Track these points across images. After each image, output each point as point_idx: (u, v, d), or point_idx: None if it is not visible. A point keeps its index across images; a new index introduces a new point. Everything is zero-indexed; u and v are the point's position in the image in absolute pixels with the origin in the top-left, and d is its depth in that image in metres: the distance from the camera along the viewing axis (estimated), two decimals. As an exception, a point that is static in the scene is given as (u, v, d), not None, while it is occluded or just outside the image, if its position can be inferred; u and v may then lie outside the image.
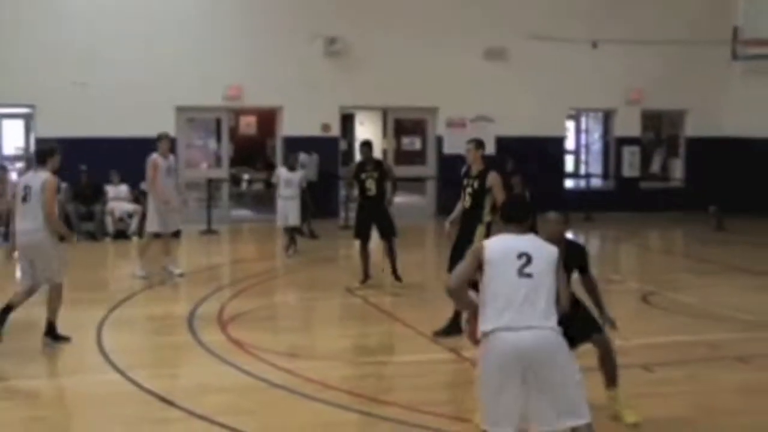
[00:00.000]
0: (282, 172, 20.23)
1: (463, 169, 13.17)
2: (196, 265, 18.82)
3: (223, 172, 25.87)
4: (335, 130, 26.05)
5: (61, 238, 11.91)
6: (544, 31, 26.57)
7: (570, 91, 27.51)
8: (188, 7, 24.91)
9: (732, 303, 15.01)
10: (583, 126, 31.24)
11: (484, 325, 6.91)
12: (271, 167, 27.23)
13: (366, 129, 34.66)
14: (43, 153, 12.15)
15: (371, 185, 16.10)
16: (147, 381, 10.21)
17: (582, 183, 29.78)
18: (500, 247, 7.09)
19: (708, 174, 27.80)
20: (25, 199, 11.68)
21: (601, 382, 8.99)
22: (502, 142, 26.69)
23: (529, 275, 6.89)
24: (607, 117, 29.49)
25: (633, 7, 27.67)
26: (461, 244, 11.69)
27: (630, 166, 28.47)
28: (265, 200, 27.54)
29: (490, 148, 26.28)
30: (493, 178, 12.68)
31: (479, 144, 13.12)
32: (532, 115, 26.79)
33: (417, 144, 27.83)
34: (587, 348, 8.85)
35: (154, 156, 16.62)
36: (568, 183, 29.84)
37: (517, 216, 7.33)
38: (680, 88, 28.52)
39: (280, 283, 17.61)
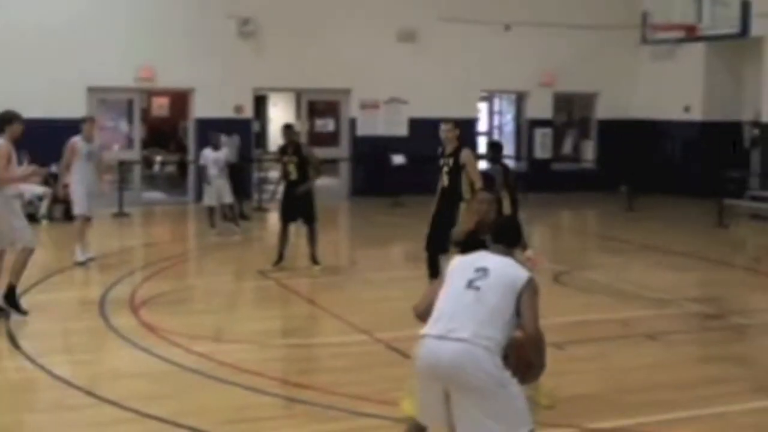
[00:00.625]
0: (208, 152, 20.03)
1: (439, 150, 13.31)
2: (108, 248, 18.53)
3: (135, 154, 25.54)
4: (248, 112, 25.84)
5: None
6: (457, 13, 26.62)
7: (482, 74, 27.63)
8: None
9: (643, 281, 15.20)
10: (496, 108, 31.37)
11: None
12: (183, 149, 27.00)
13: (279, 111, 34.59)
14: (1, 121, 12.21)
15: (292, 169, 15.93)
16: (57, 367, 10.01)
17: (494, 164, 29.89)
18: (467, 260, 6.76)
19: (618, 155, 28.10)
20: None
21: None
22: (414, 124, 26.75)
23: (477, 288, 6.44)
24: (520, 99, 29.65)
25: (546, -7, 27.84)
26: (442, 224, 11.71)
27: (542, 148, 28.69)
28: (177, 182, 27.34)
29: (403, 130, 26.42)
30: (465, 156, 12.91)
31: (456, 124, 13.34)
32: (445, 96, 26.82)
33: (330, 126, 27.78)
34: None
35: (75, 139, 16.22)
36: (481, 164, 29.87)
37: (506, 240, 6.98)
38: (591, 71, 28.80)
39: (193, 266, 17.45)
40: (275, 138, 33.84)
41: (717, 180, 23.49)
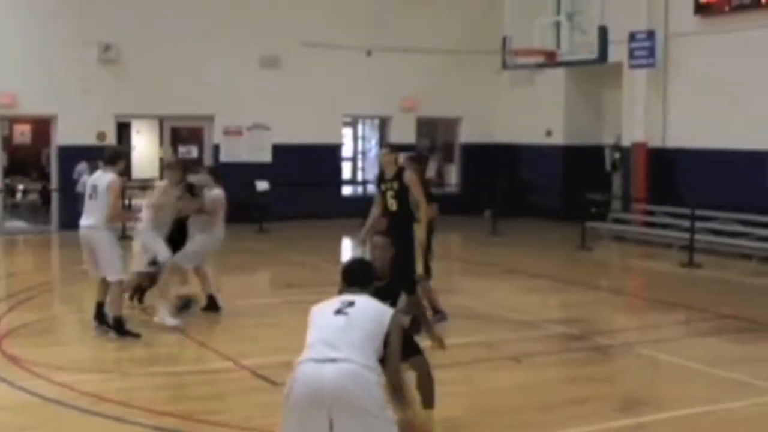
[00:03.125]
0: (86, 178, 19.74)
1: (376, 176, 13.66)
2: (-33, 279, 18.18)
3: (-5, 182, 25.02)
4: (111, 139, 25.51)
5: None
6: (318, 38, 26.75)
7: (346, 99, 27.80)
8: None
9: (507, 304, 15.44)
10: (360, 133, 31.54)
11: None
12: (46, 177, 26.55)
13: (143, 137, 34.25)
14: (112, 155, 12.96)
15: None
16: None
17: (359, 189, 30.07)
18: (329, 301, 6.88)
19: (482, 179, 28.48)
20: (91, 196, 12.71)
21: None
22: (278, 150, 26.77)
23: (346, 314, 6.57)
24: (383, 124, 29.86)
25: (407, 16, 28.12)
26: (403, 252, 10.72)
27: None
28: (40, 210, 26.86)
29: (267, 156, 26.41)
30: (409, 177, 13.02)
31: (393, 148, 13.77)
32: (309, 122, 26.96)
33: (194, 152, 27.57)
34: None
35: None
36: (346, 190, 30.08)
37: (357, 281, 7.19)
38: (454, 95, 29.17)
39: (57, 296, 17.15)
40: (139, 165, 33.55)
41: (580, 203, 23.98)
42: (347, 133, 30.58)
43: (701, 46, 23.94)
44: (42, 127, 27.12)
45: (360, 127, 31.37)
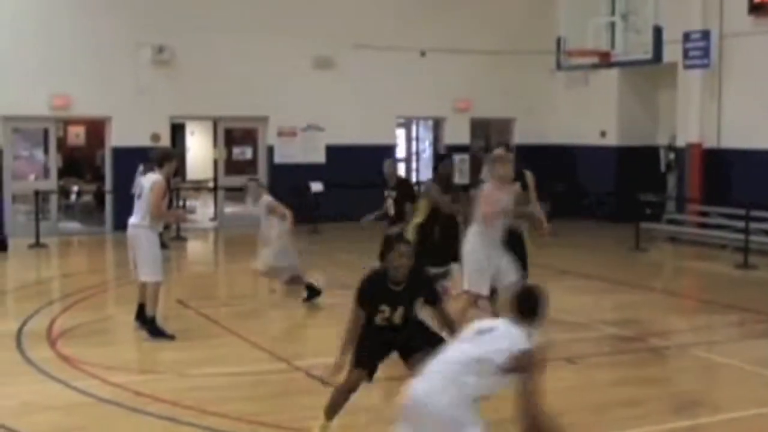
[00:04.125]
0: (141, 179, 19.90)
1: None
2: (25, 279, 18.38)
3: (51, 184, 25.23)
4: (165, 140, 25.69)
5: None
6: (372, 40, 26.77)
7: (399, 100, 27.79)
8: (14, 11, 24.23)
9: (560, 305, 15.05)
10: (413, 134, 31.55)
11: None
12: (100, 178, 26.77)
13: (197, 139, 34.46)
14: (160, 157, 13.26)
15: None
16: (-29, 400, 9.91)
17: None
18: None
19: (536, 180, 28.27)
20: (139, 196, 13.06)
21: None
22: (331, 151, 26.83)
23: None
24: (437, 125, 29.84)
25: (460, 17, 28.08)
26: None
27: (460, 174, 28.81)
28: (94, 212, 27.08)
29: (321, 157, 26.43)
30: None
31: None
32: (362, 123, 27.00)
33: (248, 153, 27.71)
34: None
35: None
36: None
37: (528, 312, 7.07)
38: (508, 96, 29.09)
39: (111, 296, 17.28)
40: (193, 166, 33.76)
41: (634, 204, 23.84)
42: (401, 134, 30.60)
43: (756, 46, 23.72)
44: (96, 128, 27.32)
45: (414, 128, 31.37)
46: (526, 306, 7.07)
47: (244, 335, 13.21)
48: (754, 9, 23.68)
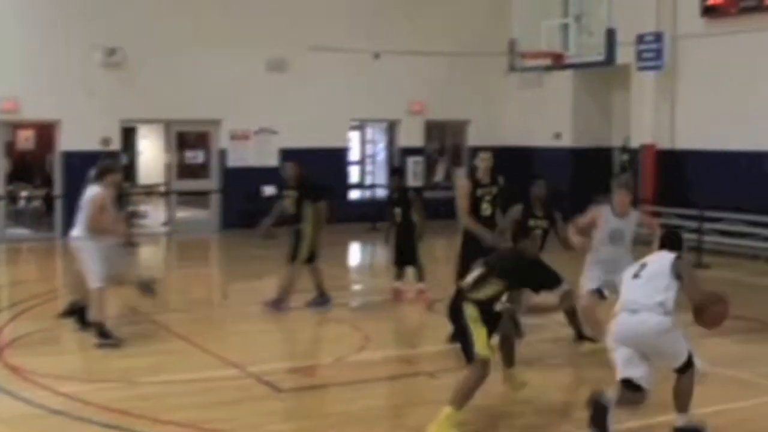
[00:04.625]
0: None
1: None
2: (-29, 287, 18.14)
3: (-1, 189, 24.94)
4: (116, 144, 25.45)
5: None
6: (326, 41, 26.66)
7: (353, 102, 27.72)
8: (-41, 18, 23.91)
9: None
10: (368, 137, 31.49)
11: None
12: (50, 183, 26.47)
13: (149, 142, 34.23)
14: (101, 170, 13.25)
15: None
16: None
17: (367, 194, 30.01)
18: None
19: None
20: (80, 208, 13.09)
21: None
22: (285, 154, 26.68)
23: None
24: (391, 127, 29.80)
25: (414, 19, 28.05)
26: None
27: (414, 176, 28.81)
28: (44, 218, 26.76)
29: (274, 161, 26.28)
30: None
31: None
32: (316, 126, 26.88)
33: (200, 157, 27.49)
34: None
35: None
36: (354, 194, 30.02)
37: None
38: (462, 98, 29.12)
39: (61, 305, 17.00)
40: (145, 171, 33.54)
41: (587, 207, 23.83)
42: (355, 136, 30.54)
43: (708, 48, 23.88)
44: (46, 132, 27.03)
45: (368, 131, 31.31)
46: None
47: (197, 341, 13.09)
48: (707, 11, 23.84)
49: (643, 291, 9.13)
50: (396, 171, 18.48)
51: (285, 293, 15.36)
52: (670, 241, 9.86)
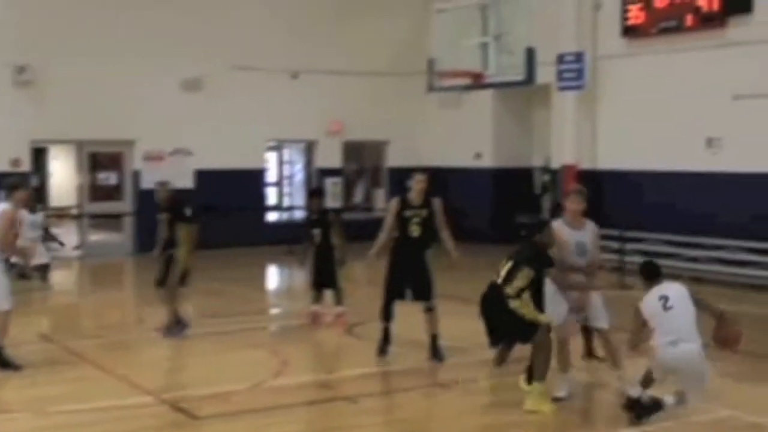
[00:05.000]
0: (23, 214, 19.54)
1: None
2: None
3: None
4: (26, 165, 25.11)
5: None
6: (243, 61, 26.58)
7: (270, 122, 27.66)
8: None
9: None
10: (285, 157, 31.38)
11: None
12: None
13: (60, 164, 33.80)
14: (9, 186, 13.16)
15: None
16: None
17: (284, 215, 29.90)
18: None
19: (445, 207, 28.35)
20: None
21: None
22: (200, 176, 26.53)
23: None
24: (309, 148, 29.75)
25: (333, 38, 28.10)
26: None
27: (333, 197, 28.76)
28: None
29: (189, 182, 26.09)
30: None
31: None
32: (232, 146, 26.78)
33: (113, 179, 27.19)
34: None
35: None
36: (271, 216, 29.89)
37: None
38: (380, 119, 29.18)
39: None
40: (57, 193, 33.11)
41: (509, 226, 24.03)
42: (272, 157, 30.44)
43: (629, 67, 24.22)
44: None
45: (285, 152, 31.22)
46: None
47: (110, 368, 12.92)
48: (627, 31, 24.19)
49: (684, 321, 10.15)
50: (316, 191, 18.27)
51: (174, 317, 15.20)
52: (652, 270, 10.85)
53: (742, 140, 21.88)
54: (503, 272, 11.31)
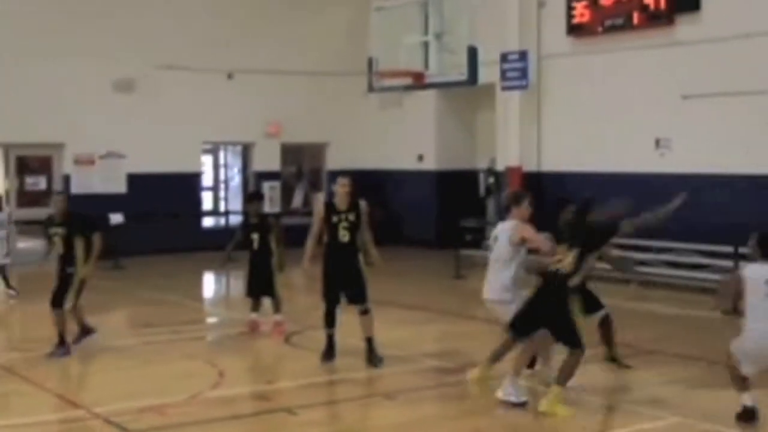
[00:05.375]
0: None
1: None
2: None
3: None
4: (-50, 171, 24.87)
5: None
6: (177, 60, 26.33)
7: (205, 124, 27.56)
8: None
9: (379, 338, 15.29)
10: (221, 161, 31.28)
11: None
12: None
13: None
14: None
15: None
16: None
17: (222, 221, 29.79)
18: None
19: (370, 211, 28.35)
20: None
21: None
22: (133, 180, 26.36)
23: None
24: (246, 151, 29.67)
25: (270, 37, 28.04)
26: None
27: (271, 202, 28.67)
28: None
29: (122, 187, 25.93)
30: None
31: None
32: (167, 150, 26.67)
33: (42, 183, 26.92)
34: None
35: None
36: (207, 221, 29.77)
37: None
38: (320, 120, 29.18)
39: None
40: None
41: (454, 230, 24.10)
42: (208, 161, 30.32)
43: (574, 67, 24.37)
44: None
45: (222, 155, 31.12)
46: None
47: (39, 382, 12.78)
48: (573, 30, 24.33)
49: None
50: (254, 195, 18.10)
51: (83, 333, 14.96)
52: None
53: (691, 141, 22.10)
54: (570, 260, 11.29)
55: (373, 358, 13.44)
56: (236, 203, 30.03)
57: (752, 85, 20.98)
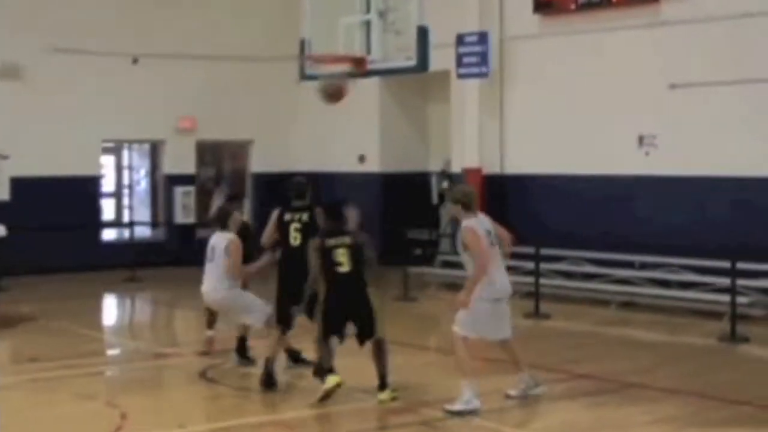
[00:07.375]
0: None
1: None
2: None
3: None
4: None
5: None
6: (72, 42, 26.22)
7: (107, 119, 27.35)
8: None
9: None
10: (125, 162, 31.03)
11: None
12: None
13: None
14: None
15: None
16: None
17: (126, 233, 29.55)
18: None
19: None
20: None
21: None
22: (18, 185, 26.03)
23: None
24: (155, 150, 29.47)
25: (182, 17, 27.97)
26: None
27: (184, 210, 28.51)
28: None
29: (4, 194, 25.66)
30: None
31: None
32: (59, 149, 26.48)
33: None
34: None
35: None
36: (108, 234, 29.53)
37: None
38: (243, 114, 29.12)
39: None
40: None
41: (401, 244, 24.01)
42: (109, 162, 30.09)
43: (542, 50, 24.41)
44: None
45: (125, 155, 30.87)
46: None
47: None
48: (540, 7, 24.34)
49: None
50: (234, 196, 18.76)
51: None
52: None
53: (680, 138, 22.12)
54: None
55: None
56: (143, 213, 29.78)
57: (750, 73, 21.05)
